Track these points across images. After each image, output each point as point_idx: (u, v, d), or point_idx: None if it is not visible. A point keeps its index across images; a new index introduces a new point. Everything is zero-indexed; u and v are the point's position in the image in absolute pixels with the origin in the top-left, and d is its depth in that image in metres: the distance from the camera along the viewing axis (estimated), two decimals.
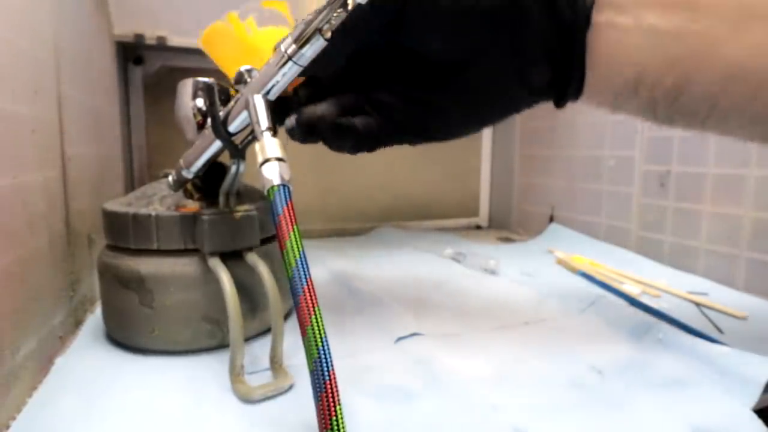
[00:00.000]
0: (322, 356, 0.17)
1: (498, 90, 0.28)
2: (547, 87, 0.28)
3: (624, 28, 0.25)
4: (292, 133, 0.29)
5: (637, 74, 0.26)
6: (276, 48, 0.22)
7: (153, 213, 0.27)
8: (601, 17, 0.25)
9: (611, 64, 0.26)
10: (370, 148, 0.30)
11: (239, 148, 0.25)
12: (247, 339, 0.28)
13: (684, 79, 0.25)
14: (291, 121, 0.29)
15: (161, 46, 0.52)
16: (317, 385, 0.17)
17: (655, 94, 0.26)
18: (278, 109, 0.24)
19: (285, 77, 0.22)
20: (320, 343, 0.17)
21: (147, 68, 0.55)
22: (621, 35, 0.25)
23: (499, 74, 0.27)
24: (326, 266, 0.45)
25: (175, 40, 0.52)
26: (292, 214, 0.19)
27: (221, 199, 0.27)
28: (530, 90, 0.28)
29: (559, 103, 0.28)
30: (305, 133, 0.29)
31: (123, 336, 0.28)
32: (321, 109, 0.29)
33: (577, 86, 0.27)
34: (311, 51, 0.21)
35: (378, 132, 0.29)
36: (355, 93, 0.29)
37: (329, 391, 0.17)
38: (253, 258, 0.27)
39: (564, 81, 0.27)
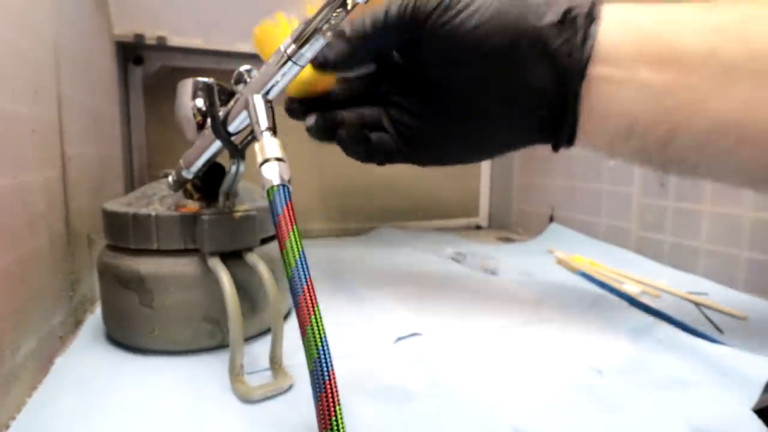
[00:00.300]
0: (322, 356, 0.17)
1: (495, 127, 0.30)
2: (540, 131, 0.29)
3: (618, 81, 0.26)
4: (311, 131, 0.32)
5: (629, 124, 0.27)
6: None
7: (153, 213, 0.27)
8: (596, 70, 0.26)
9: (604, 115, 0.27)
10: (380, 162, 0.33)
11: (239, 148, 0.25)
12: (247, 339, 0.28)
13: (673, 129, 0.26)
14: (312, 119, 0.31)
15: (161, 46, 0.52)
16: (317, 385, 0.17)
17: (647, 142, 0.27)
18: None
19: (285, 77, 0.22)
20: (320, 343, 0.17)
21: (147, 68, 0.55)
22: (615, 88, 0.26)
23: (497, 113, 0.29)
24: (326, 266, 0.45)
25: (175, 40, 0.52)
26: (291, 214, 0.19)
27: (221, 199, 0.27)
28: (525, 132, 0.30)
29: (555, 148, 0.30)
30: (323, 133, 0.32)
31: (123, 336, 0.28)
32: (343, 115, 0.32)
33: (569, 133, 0.28)
34: (311, 51, 0.21)
35: (389, 149, 0.32)
36: (377, 107, 0.32)
37: (329, 391, 0.17)
38: (252, 258, 0.27)
39: (557, 128, 0.28)
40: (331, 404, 0.16)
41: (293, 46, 0.21)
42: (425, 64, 0.29)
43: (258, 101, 0.22)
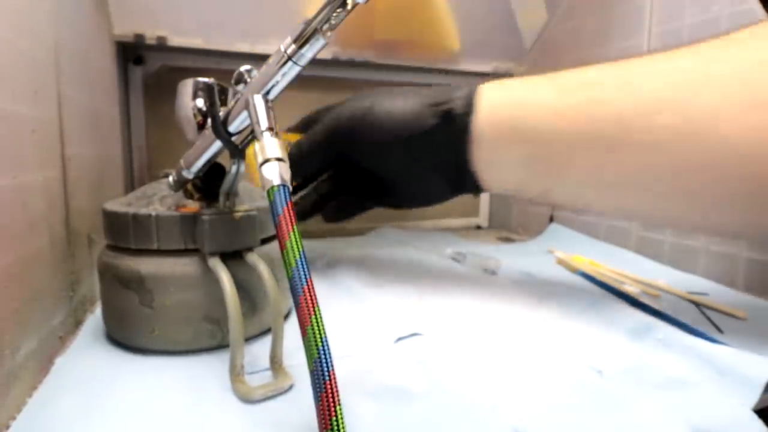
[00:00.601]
0: (322, 356, 0.17)
1: (424, 191, 0.40)
2: (458, 191, 0.39)
3: (496, 158, 0.34)
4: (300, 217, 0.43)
5: (515, 186, 0.36)
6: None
7: (153, 213, 0.27)
8: (479, 151, 0.34)
9: (496, 180, 0.36)
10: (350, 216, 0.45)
11: (239, 148, 0.25)
12: (247, 339, 0.28)
13: (545, 190, 0.34)
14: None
15: (161, 46, 0.52)
16: (317, 385, 0.17)
17: (535, 196, 0.36)
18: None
19: (285, 77, 0.22)
20: (320, 343, 0.17)
21: (147, 68, 0.55)
22: (495, 163, 0.34)
23: (422, 182, 0.38)
24: (326, 266, 0.45)
25: (175, 40, 0.52)
26: (292, 214, 0.19)
27: (221, 199, 0.27)
28: (447, 192, 0.39)
29: (475, 196, 0.39)
30: (308, 213, 0.43)
31: (123, 336, 0.28)
32: (304, 194, 0.43)
33: (477, 191, 0.38)
34: (311, 51, 0.21)
35: (353, 209, 0.44)
36: (331, 184, 0.43)
37: (329, 391, 0.17)
38: (253, 258, 0.27)
39: (468, 190, 0.38)
40: (332, 404, 0.16)
41: (293, 46, 0.21)
42: (361, 162, 0.39)
43: (258, 101, 0.22)
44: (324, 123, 0.38)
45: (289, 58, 0.21)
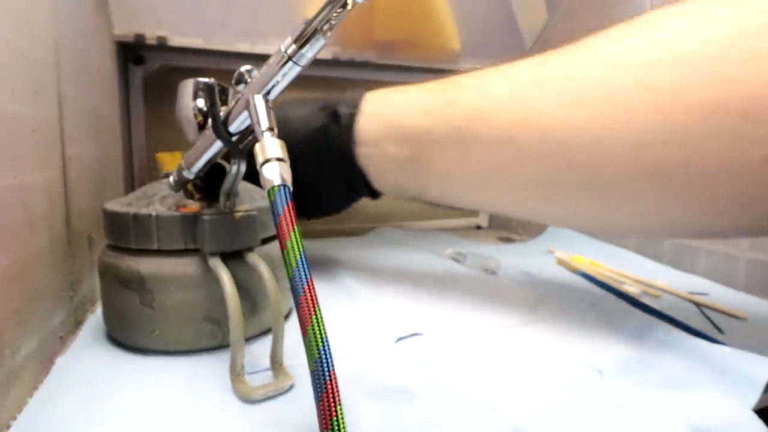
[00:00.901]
0: (323, 356, 0.17)
1: (327, 194, 0.41)
2: (355, 192, 0.41)
3: (378, 156, 0.36)
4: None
5: (397, 183, 0.37)
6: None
7: (153, 213, 0.27)
8: (363, 150, 0.36)
9: (381, 179, 0.38)
10: None
11: (240, 148, 0.25)
12: (248, 339, 0.28)
13: (422, 188, 0.37)
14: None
15: (162, 46, 0.52)
16: (318, 385, 0.17)
17: (415, 195, 0.38)
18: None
19: (285, 77, 0.22)
20: (321, 343, 0.17)
21: (147, 68, 0.55)
22: (378, 161, 0.36)
23: (323, 184, 0.40)
24: (327, 266, 0.45)
25: (175, 40, 0.52)
26: (292, 214, 0.19)
27: (222, 200, 0.27)
28: (344, 194, 0.41)
29: (373, 198, 0.41)
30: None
31: (123, 336, 0.28)
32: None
33: (371, 193, 0.40)
34: (311, 51, 0.21)
35: None
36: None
37: (330, 391, 0.17)
38: (253, 258, 0.27)
39: (362, 190, 0.40)
40: (332, 404, 0.16)
41: (294, 47, 0.21)
42: None
43: (259, 101, 0.22)
44: None
45: (290, 58, 0.21)
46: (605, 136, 0.27)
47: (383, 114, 0.36)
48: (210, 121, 0.25)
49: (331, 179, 0.39)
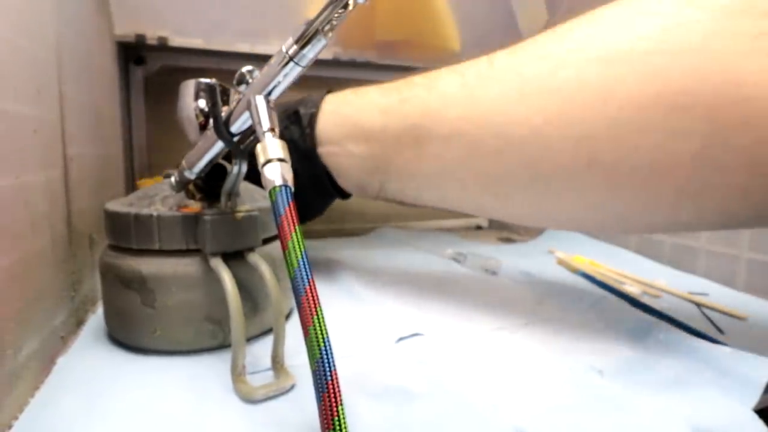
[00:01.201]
0: (325, 356, 0.17)
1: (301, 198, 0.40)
2: (326, 192, 0.40)
3: (339, 154, 0.36)
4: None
5: (358, 181, 0.37)
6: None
7: (155, 213, 0.27)
8: (324, 149, 0.37)
9: (345, 178, 0.38)
10: None
11: (241, 148, 0.25)
12: (249, 339, 0.29)
13: (381, 185, 0.37)
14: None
15: (162, 47, 0.52)
16: (319, 385, 0.17)
17: (376, 193, 0.38)
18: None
19: (286, 78, 0.22)
20: (322, 343, 0.17)
21: (148, 68, 0.55)
22: (340, 159, 0.37)
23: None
24: (328, 266, 0.45)
25: (176, 41, 0.52)
26: (294, 214, 0.19)
27: (223, 200, 0.27)
28: (318, 196, 0.41)
29: (343, 198, 0.42)
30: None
31: (125, 336, 0.28)
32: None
33: (339, 192, 0.40)
34: (312, 52, 0.21)
35: None
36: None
37: (331, 391, 0.17)
38: (254, 258, 0.28)
39: (330, 190, 0.40)
40: (334, 404, 0.16)
41: (295, 47, 0.21)
42: None
43: (260, 102, 0.22)
44: None
45: (291, 58, 0.21)
46: (548, 131, 0.27)
47: (342, 113, 0.36)
48: (211, 121, 0.25)
49: (300, 181, 0.39)
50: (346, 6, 0.20)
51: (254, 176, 0.25)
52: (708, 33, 0.23)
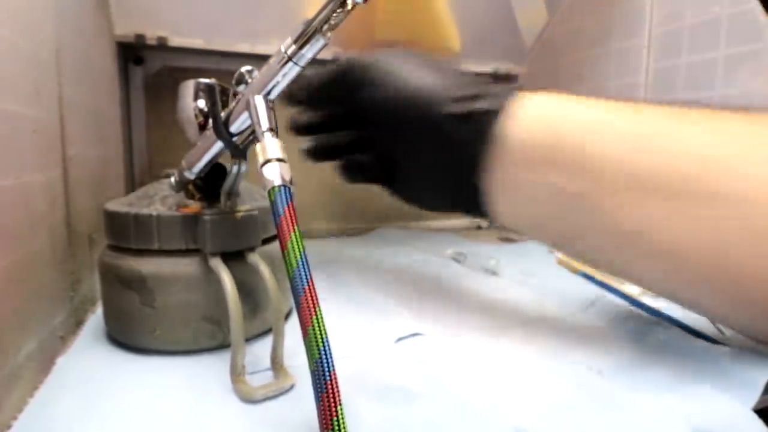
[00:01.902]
0: (323, 356, 0.17)
1: (423, 187, 0.33)
2: (459, 206, 0.32)
3: (527, 181, 0.27)
4: (308, 153, 0.40)
5: (529, 221, 0.29)
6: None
7: (154, 213, 0.27)
8: (502, 167, 0.27)
9: (510, 207, 0.29)
10: (365, 181, 0.38)
11: (241, 148, 0.25)
12: (248, 339, 0.28)
13: (566, 236, 0.28)
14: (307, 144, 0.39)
15: (162, 47, 0.52)
16: (318, 385, 0.17)
17: (546, 239, 0.29)
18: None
19: (285, 78, 0.22)
20: (321, 344, 0.17)
21: (148, 68, 0.55)
22: (523, 187, 0.27)
23: (423, 180, 0.33)
24: (327, 266, 0.45)
25: (176, 41, 0.52)
26: (293, 214, 0.19)
27: (222, 200, 0.27)
28: (448, 201, 0.33)
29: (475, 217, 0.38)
30: (320, 154, 0.39)
31: (124, 336, 0.28)
32: (330, 139, 0.38)
33: (484, 214, 0.30)
34: (311, 52, 0.21)
35: (367, 173, 0.37)
36: (349, 139, 0.37)
37: (330, 391, 0.17)
38: (254, 258, 0.28)
39: (469, 208, 0.31)
40: (333, 404, 0.17)
41: (294, 47, 0.21)
42: (364, 120, 0.34)
43: (259, 102, 0.22)
44: (338, 63, 0.34)
45: (290, 58, 0.21)
46: None
47: (559, 128, 0.26)
48: (211, 121, 0.25)
49: (437, 181, 0.31)
50: (344, 5, 0.20)
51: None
52: None
